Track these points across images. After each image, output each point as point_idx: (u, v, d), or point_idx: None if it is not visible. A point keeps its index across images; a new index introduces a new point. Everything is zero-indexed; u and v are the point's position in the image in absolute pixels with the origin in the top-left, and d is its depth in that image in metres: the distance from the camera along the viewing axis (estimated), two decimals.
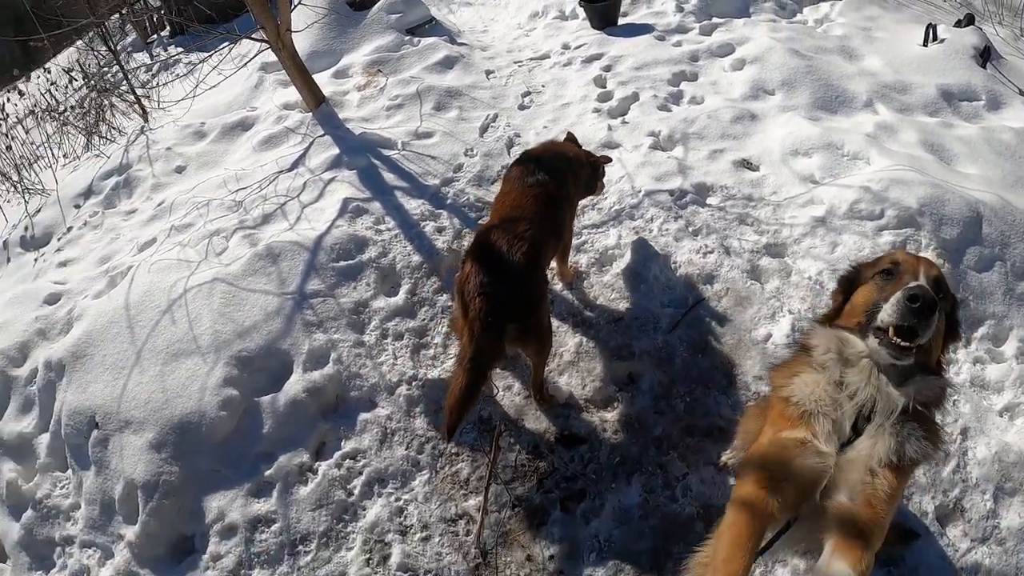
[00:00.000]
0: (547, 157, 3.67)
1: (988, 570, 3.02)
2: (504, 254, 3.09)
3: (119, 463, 3.55)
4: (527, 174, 3.54)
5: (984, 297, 3.91)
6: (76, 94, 7.90)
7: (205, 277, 4.07)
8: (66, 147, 7.11)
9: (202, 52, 7.59)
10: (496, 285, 3.02)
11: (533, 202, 3.40)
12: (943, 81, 5.53)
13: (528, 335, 3.17)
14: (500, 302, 3.00)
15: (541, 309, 3.24)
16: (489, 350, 3.01)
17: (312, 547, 3.26)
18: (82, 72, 8.17)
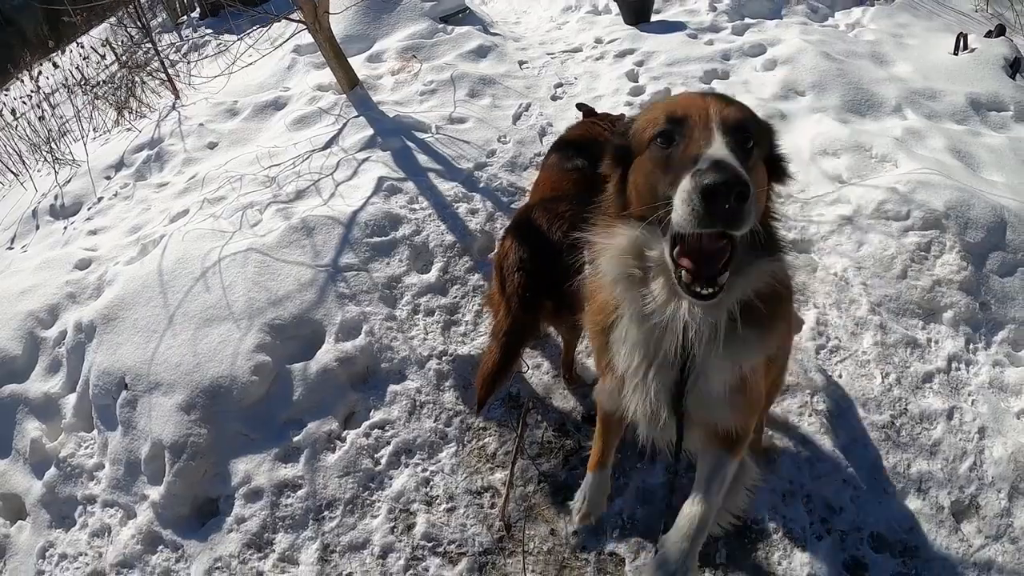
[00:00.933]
0: (583, 143, 3.74)
1: (1001, 567, 3.05)
2: (544, 232, 3.14)
3: (147, 424, 3.61)
4: (566, 160, 3.61)
5: (1005, 302, 3.95)
6: (107, 70, 8.00)
7: (240, 247, 4.14)
8: (96, 121, 7.20)
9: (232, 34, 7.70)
10: (535, 262, 3.08)
11: (572, 185, 3.47)
12: (972, 90, 5.57)
13: (563, 312, 3.21)
14: (538, 278, 3.05)
15: (577, 288, 3.28)
16: (524, 326, 3.07)
17: (337, 513, 3.32)
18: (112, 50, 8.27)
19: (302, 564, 3.21)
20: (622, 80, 5.78)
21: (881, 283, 3.96)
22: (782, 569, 3.02)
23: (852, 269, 4.02)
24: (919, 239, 4.10)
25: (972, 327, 3.84)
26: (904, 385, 3.59)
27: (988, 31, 6.31)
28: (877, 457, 3.33)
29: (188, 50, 7.80)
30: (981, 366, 3.71)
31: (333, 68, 5.55)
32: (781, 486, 3.24)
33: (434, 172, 4.78)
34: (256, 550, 3.28)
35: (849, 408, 3.50)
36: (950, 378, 3.64)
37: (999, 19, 6.61)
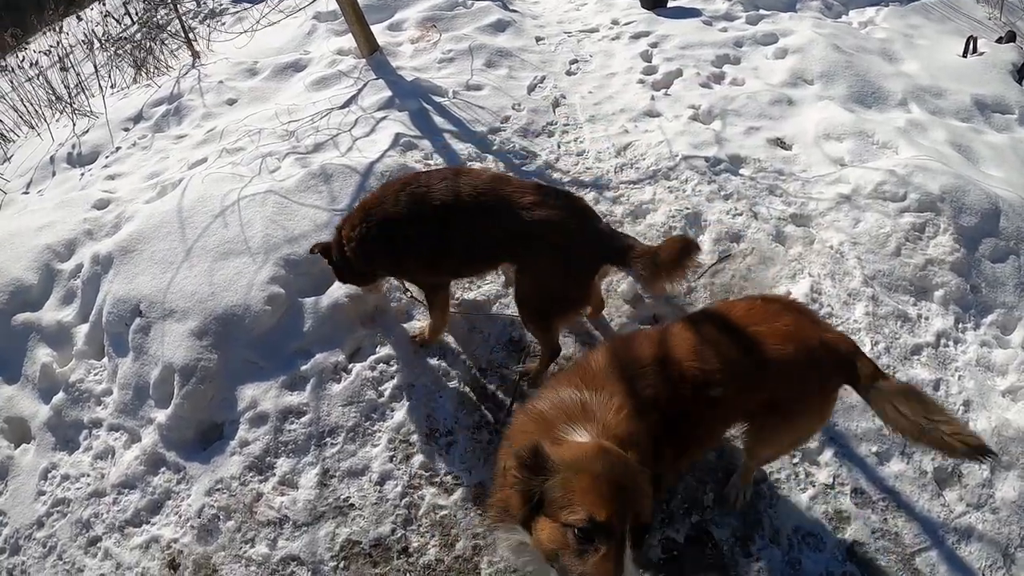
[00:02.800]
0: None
1: (981, 535, 3.17)
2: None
3: (159, 349, 3.73)
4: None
5: (996, 286, 4.09)
6: (127, 30, 8.12)
7: (259, 189, 4.27)
8: (115, 79, 7.31)
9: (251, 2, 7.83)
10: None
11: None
12: (978, 91, 5.71)
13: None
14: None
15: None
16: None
17: (339, 440, 3.44)
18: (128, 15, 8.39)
19: (301, 487, 3.34)
20: (636, 60, 5.91)
21: (875, 258, 4.10)
22: (768, 516, 3.16)
23: (848, 244, 4.16)
24: (914, 220, 4.24)
25: (962, 307, 3.97)
26: (893, 354, 3.72)
27: (999, 37, 6.46)
28: (861, 418, 3.46)
29: (207, 16, 7.91)
30: (969, 345, 3.84)
31: (354, 33, 5.68)
32: None
33: (449, 133, 4.91)
34: (257, 472, 3.41)
35: None
36: (938, 353, 3.77)
37: (1011, 27, 6.74)
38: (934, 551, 3.11)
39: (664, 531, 3.10)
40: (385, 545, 3.15)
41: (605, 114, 5.31)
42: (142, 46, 7.45)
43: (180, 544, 3.30)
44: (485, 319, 3.90)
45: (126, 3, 8.72)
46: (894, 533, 3.15)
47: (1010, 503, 3.27)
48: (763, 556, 3.04)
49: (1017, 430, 3.46)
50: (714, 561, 3.04)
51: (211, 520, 3.32)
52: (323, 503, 3.28)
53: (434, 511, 3.21)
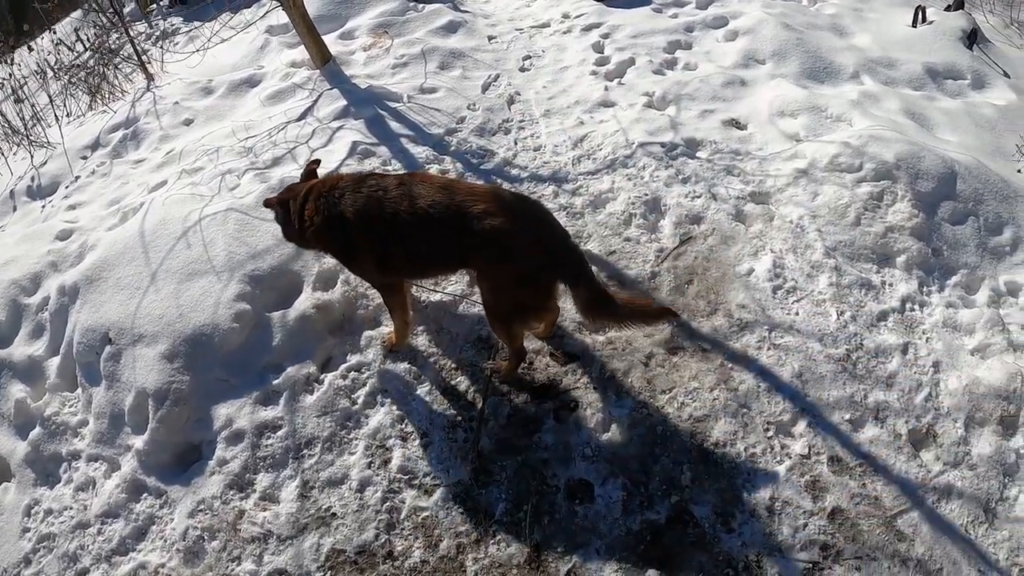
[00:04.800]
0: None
1: (960, 492, 3.23)
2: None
3: (131, 375, 3.72)
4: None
5: (957, 248, 4.16)
6: (80, 57, 8.04)
7: (219, 207, 4.26)
8: (70, 107, 7.25)
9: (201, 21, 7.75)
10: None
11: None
12: (929, 59, 5.79)
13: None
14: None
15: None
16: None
17: (316, 451, 3.45)
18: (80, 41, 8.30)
19: (283, 501, 3.34)
20: (588, 52, 5.93)
21: (835, 230, 4.16)
22: (746, 491, 3.20)
23: (807, 217, 4.21)
24: (871, 189, 4.30)
25: (925, 271, 4.04)
26: (859, 322, 3.78)
27: (947, 5, 6.55)
28: (832, 386, 3.51)
29: (159, 38, 7.85)
30: (935, 307, 3.91)
31: (306, 44, 5.67)
32: (742, 413, 3.41)
33: (406, 137, 4.92)
34: (238, 490, 3.41)
35: (805, 342, 3.68)
36: (904, 317, 3.84)
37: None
38: (915, 512, 3.15)
39: (644, 514, 3.13)
40: (370, 551, 3.16)
41: (560, 107, 5.34)
42: (96, 72, 7.38)
43: (167, 569, 3.29)
44: (451, 319, 3.92)
45: (77, 29, 8.63)
46: (874, 497, 3.19)
47: (987, 458, 3.32)
48: (744, 531, 3.07)
49: (988, 387, 3.51)
50: (696, 540, 3.07)
51: (196, 542, 3.31)
52: (305, 515, 3.28)
53: (416, 513, 3.22)
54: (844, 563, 3.01)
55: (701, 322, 3.80)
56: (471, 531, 3.15)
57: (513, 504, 3.20)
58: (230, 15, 6.66)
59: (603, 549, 3.06)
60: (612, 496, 3.19)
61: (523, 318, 3.35)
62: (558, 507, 3.18)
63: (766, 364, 3.60)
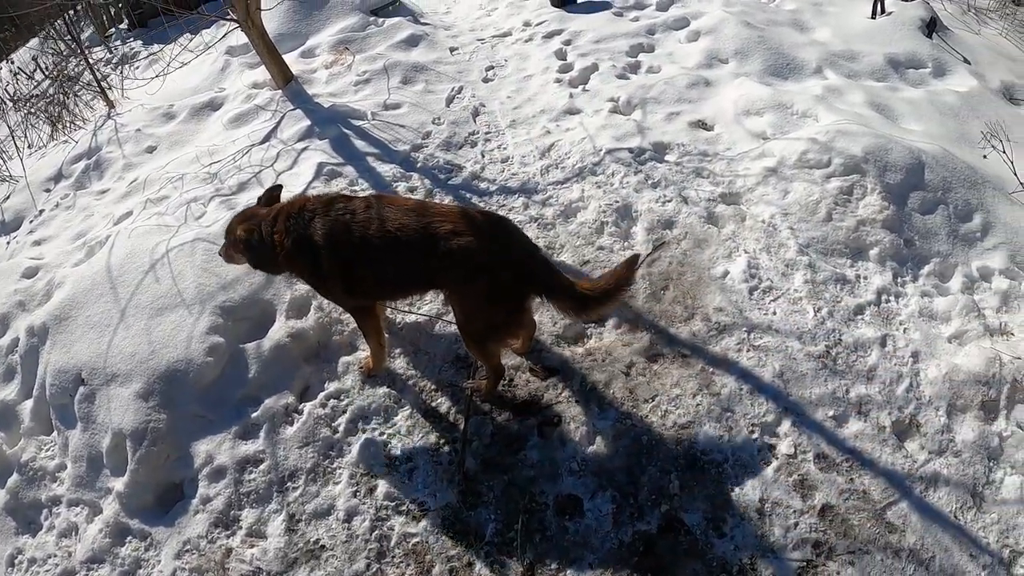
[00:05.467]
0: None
1: (947, 479, 3.27)
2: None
3: (106, 416, 3.64)
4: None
5: (929, 237, 4.21)
6: (39, 86, 7.90)
7: (186, 238, 4.19)
8: (32, 138, 7.12)
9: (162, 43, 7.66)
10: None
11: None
12: (890, 50, 5.87)
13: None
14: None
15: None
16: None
17: (300, 483, 3.39)
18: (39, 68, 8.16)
19: (270, 536, 3.28)
20: (551, 59, 5.93)
21: (808, 227, 4.18)
22: (735, 494, 3.20)
23: (779, 216, 4.24)
24: (841, 183, 4.34)
25: (898, 262, 4.09)
26: (837, 318, 3.81)
27: None
28: (814, 384, 3.53)
29: (119, 62, 7.73)
30: (910, 297, 3.96)
31: (267, 64, 5.60)
32: (726, 417, 3.42)
33: (372, 156, 4.87)
34: (224, 528, 3.34)
35: (784, 341, 3.69)
36: (881, 309, 3.88)
37: None
38: (904, 502, 3.19)
39: (635, 525, 3.12)
40: None
41: (526, 117, 5.32)
42: (56, 101, 7.25)
43: None
44: (428, 339, 3.88)
45: (35, 58, 8.49)
46: (862, 491, 3.22)
47: (971, 444, 3.37)
48: (736, 534, 3.08)
49: (967, 373, 3.56)
50: (689, 547, 3.06)
51: None
52: (294, 549, 3.22)
53: (405, 540, 3.18)
54: (837, 559, 3.03)
55: (679, 328, 3.80)
56: (463, 554, 3.12)
57: (503, 524, 3.17)
58: (190, 37, 6.58)
59: (596, 563, 3.04)
60: (602, 509, 3.17)
61: (497, 336, 3.31)
62: (548, 524, 3.16)
63: (747, 366, 3.61)
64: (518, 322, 3.30)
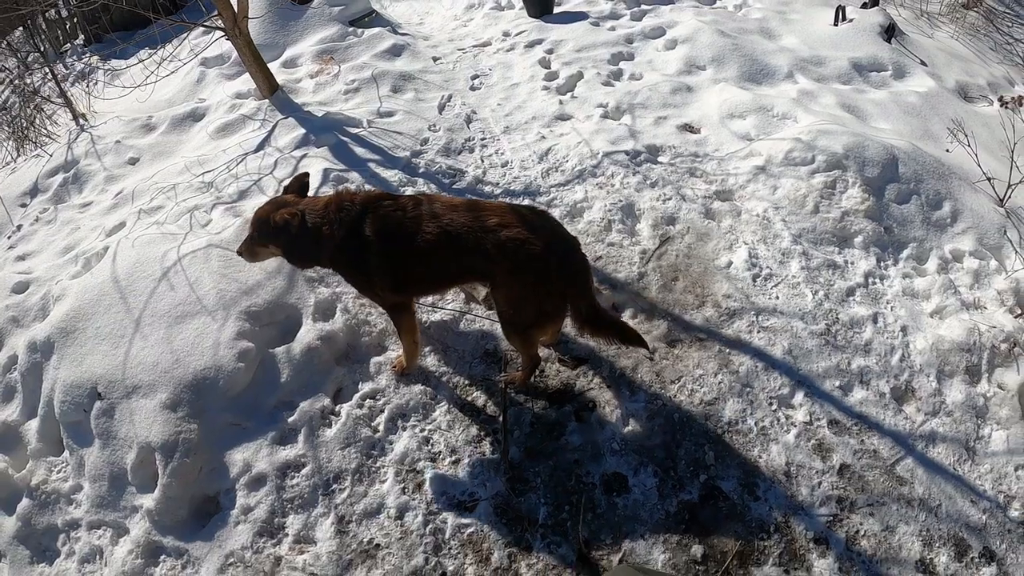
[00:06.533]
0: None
1: (943, 436, 3.59)
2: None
3: (130, 430, 3.55)
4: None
5: (905, 224, 4.55)
6: None
7: (198, 245, 4.15)
8: None
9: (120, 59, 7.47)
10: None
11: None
12: (854, 55, 6.31)
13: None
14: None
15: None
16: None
17: (346, 484, 3.41)
18: None
19: (320, 541, 3.27)
20: (535, 68, 6.13)
21: (798, 219, 4.48)
22: (763, 461, 3.42)
23: (771, 210, 4.52)
24: (825, 179, 4.66)
25: (880, 248, 4.42)
26: (832, 299, 4.10)
27: (864, 3, 7.15)
28: (819, 358, 3.81)
29: (77, 77, 7.50)
30: (893, 279, 4.29)
31: (253, 74, 5.58)
32: (746, 392, 3.65)
33: (374, 162, 4.94)
34: (269, 536, 3.30)
35: (789, 322, 3.96)
36: (869, 290, 4.19)
37: None
38: (909, 458, 3.49)
39: (678, 496, 3.30)
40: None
41: (519, 123, 5.48)
42: (21, 115, 6.96)
43: None
44: (456, 337, 3.97)
45: None
46: (872, 451, 3.50)
47: (961, 404, 3.70)
48: (769, 497, 3.30)
49: (951, 342, 3.88)
50: (729, 511, 3.27)
51: None
52: (348, 551, 3.23)
53: (460, 531, 3.24)
54: (859, 512, 3.30)
55: (693, 314, 4.01)
56: (519, 539, 3.21)
57: (554, 507, 3.28)
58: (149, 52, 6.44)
59: (648, 534, 3.20)
60: (647, 484, 3.34)
61: (540, 325, 3.44)
62: (598, 502, 3.29)
63: (759, 346, 3.85)
64: (561, 311, 3.41)
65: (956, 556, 3.22)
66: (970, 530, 3.30)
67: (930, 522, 3.30)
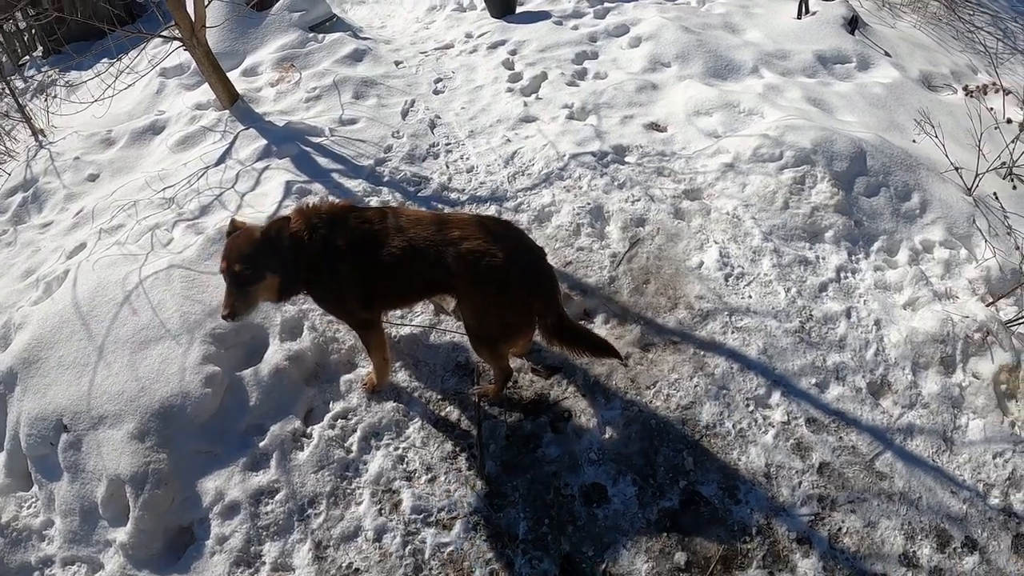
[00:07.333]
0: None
1: (921, 428, 3.61)
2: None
3: (98, 462, 3.44)
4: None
5: (875, 217, 4.57)
6: None
7: (160, 265, 4.04)
8: None
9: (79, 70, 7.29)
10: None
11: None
12: (818, 47, 6.32)
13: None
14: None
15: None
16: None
17: (322, 508, 3.33)
18: None
19: (297, 568, 3.19)
20: (499, 69, 6.07)
21: (768, 215, 4.47)
22: (743, 463, 3.41)
23: (741, 207, 4.51)
24: (794, 174, 4.66)
25: (851, 242, 4.43)
26: (805, 296, 4.09)
27: None
28: (794, 357, 3.80)
29: (36, 91, 7.29)
30: (865, 272, 4.30)
31: (212, 84, 5.46)
32: (723, 394, 3.64)
33: (337, 172, 4.85)
34: (246, 566, 3.21)
35: (763, 321, 3.95)
36: (841, 285, 4.20)
37: None
38: (888, 453, 3.51)
39: (658, 503, 3.28)
40: None
41: (483, 127, 5.42)
42: None
43: None
44: (426, 350, 3.91)
45: None
46: (851, 447, 3.51)
47: (937, 395, 3.73)
48: (750, 499, 3.30)
49: (925, 334, 3.91)
50: (710, 516, 3.25)
51: None
52: None
53: (440, 550, 3.19)
54: (840, 509, 3.31)
55: (666, 317, 3.98)
56: (500, 555, 3.17)
57: (534, 520, 3.25)
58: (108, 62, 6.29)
59: (630, 544, 3.17)
60: (626, 493, 3.31)
61: (506, 338, 3.39)
62: (578, 514, 3.26)
63: (733, 347, 3.84)
64: (527, 323, 3.36)
65: (938, 547, 3.25)
66: (951, 520, 3.33)
67: (911, 515, 3.32)
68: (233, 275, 3.09)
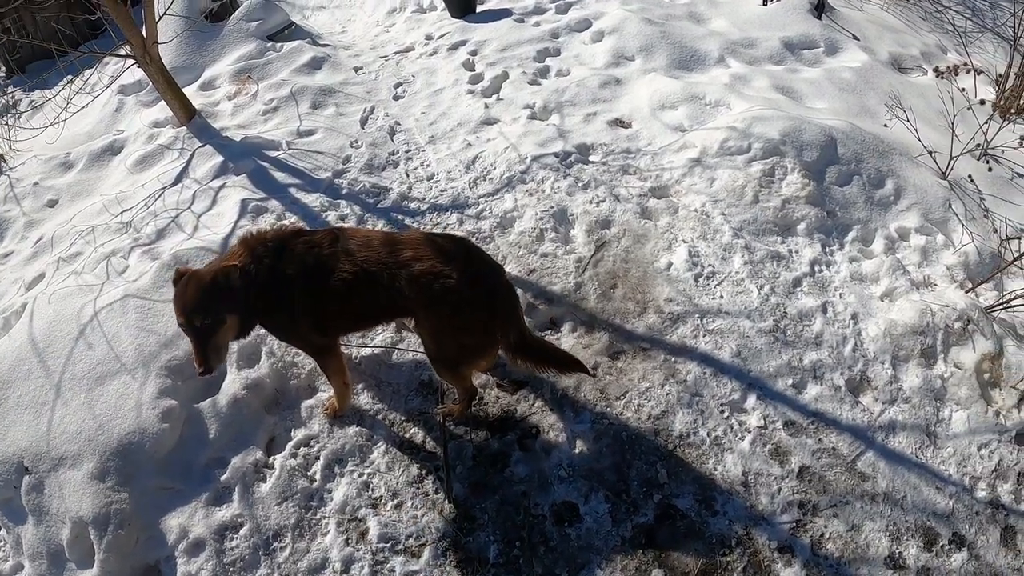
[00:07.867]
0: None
1: (903, 424, 3.55)
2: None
3: (60, 505, 3.34)
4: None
5: (848, 207, 4.48)
6: None
7: (114, 296, 3.93)
8: None
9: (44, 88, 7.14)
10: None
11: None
12: (784, 34, 6.21)
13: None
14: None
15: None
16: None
17: (287, 541, 3.24)
18: None
19: None
20: (460, 71, 5.94)
21: (737, 211, 4.37)
22: (719, 472, 3.33)
23: (709, 203, 4.41)
24: (763, 167, 4.55)
25: (825, 233, 4.34)
26: (778, 293, 4.01)
27: None
28: (770, 357, 3.71)
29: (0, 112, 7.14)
30: (840, 264, 4.22)
31: (168, 100, 5.32)
32: (696, 401, 3.55)
33: (295, 187, 4.73)
34: None
35: (735, 322, 3.86)
36: (816, 279, 4.11)
37: None
38: (870, 452, 3.44)
39: (633, 519, 3.19)
40: None
41: (444, 132, 5.30)
42: None
43: None
44: (388, 370, 3.81)
45: None
46: (832, 448, 3.44)
47: (918, 389, 3.66)
48: (728, 510, 3.22)
49: (904, 326, 3.83)
50: (687, 530, 3.17)
51: None
52: None
53: None
54: (822, 514, 3.24)
55: (635, 323, 3.89)
56: None
57: (505, 543, 3.16)
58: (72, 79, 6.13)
59: (604, 563, 3.09)
60: (598, 510, 3.22)
61: (468, 359, 3.29)
62: (550, 534, 3.17)
63: (705, 350, 3.75)
64: (486, 343, 3.25)
65: (925, 546, 3.19)
66: (938, 518, 3.27)
67: (896, 515, 3.26)
68: (195, 330, 2.96)
